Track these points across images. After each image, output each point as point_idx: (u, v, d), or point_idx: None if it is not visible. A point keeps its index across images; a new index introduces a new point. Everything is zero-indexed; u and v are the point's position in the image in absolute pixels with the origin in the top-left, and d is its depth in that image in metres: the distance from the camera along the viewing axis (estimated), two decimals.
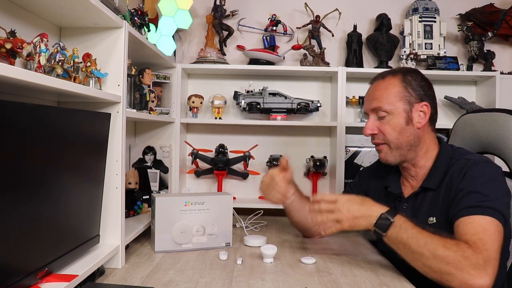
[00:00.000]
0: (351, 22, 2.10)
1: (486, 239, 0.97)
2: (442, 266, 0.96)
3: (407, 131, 1.18)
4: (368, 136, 1.23)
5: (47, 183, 0.86)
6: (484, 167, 1.11)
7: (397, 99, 1.18)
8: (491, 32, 2.01)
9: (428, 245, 0.98)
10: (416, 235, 1.01)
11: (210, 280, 1.08)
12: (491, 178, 1.08)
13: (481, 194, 1.04)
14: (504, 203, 1.04)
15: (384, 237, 1.07)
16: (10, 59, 0.76)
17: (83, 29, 1.17)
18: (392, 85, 1.20)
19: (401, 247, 1.04)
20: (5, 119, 0.70)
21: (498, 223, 1.00)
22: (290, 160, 2.01)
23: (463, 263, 0.94)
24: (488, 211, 1.01)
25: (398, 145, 1.19)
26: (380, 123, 1.20)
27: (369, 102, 1.23)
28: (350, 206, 1.12)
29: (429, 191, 1.18)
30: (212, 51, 2.01)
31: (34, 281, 0.85)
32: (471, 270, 0.93)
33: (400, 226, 1.04)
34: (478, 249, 0.95)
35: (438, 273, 0.97)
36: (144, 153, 1.86)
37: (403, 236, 1.03)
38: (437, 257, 0.96)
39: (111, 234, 1.17)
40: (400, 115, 1.18)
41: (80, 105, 1.14)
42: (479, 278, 0.92)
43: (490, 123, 1.27)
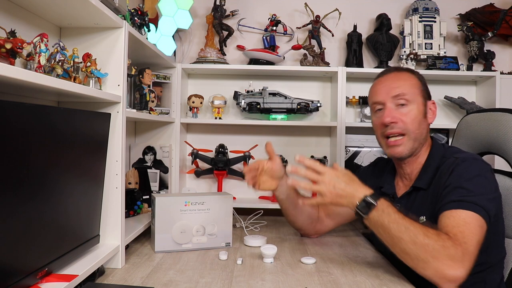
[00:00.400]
0: (351, 22, 2.10)
1: (466, 232, 0.97)
2: (420, 253, 0.97)
3: (423, 124, 1.20)
4: (388, 124, 1.17)
5: (47, 183, 0.86)
6: (471, 164, 1.11)
7: (418, 91, 1.21)
8: (491, 32, 2.01)
9: (409, 231, 0.99)
10: (398, 220, 1.01)
11: (210, 280, 1.08)
12: (476, 174, 1.08)
13: (465, 189, 1.04)
14: (488, 199, 1.04)
15: (365, 220, 1.07)
16: (10, 59, 0.76)
17: (83, 29, 1.17)
18: (412, 78, 1.23)
19: (381, 231, 1.04)
20: (5, 119, 0.70)
21: (480, 218, 1.00)
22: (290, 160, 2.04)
23: (441, 252, 0.95)
24: (470, 206, 1.01)
25: (417, 136, 1.19)
26: (400, 112, 1.18)
27: (388, 90, 1.20)
28: (337, 183, 1.08)
29: (420, 190, 1.19)
30: (212, 51, 2.01)
31: (34, 281, 0.85)
32: (447, 260, 0.94)
33: (382, 210, 1.03)
34: (457, 241, 0.96)
35: (415, 259, 0.98)
36: (144, 153, 1.86)
37: (384, 220, 1.02)
38: (416, 243, 0.97)
39: (111, 234, 1.17)
40: (419, 107, 1.20)
41: (80, 105, 1.14)
42: (454, 269, 0.94)
43: (493, 123, 1.27)
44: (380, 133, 1.23)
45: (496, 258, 1.15)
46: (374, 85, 1.27)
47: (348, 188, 1.08)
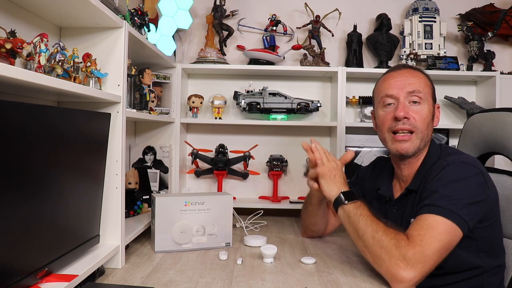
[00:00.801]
0: (351, 22, 2.10)
1: (426, 236, 0.97)
2: (377, 249, 1.01)
3: (430, 125, 1.20)
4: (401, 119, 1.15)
5: (47, 183, 0.86)
6: (456, 168, 1.08)
7: (430, 91, 1.20)
8: (491, 32, 2.01)
9: (372, 227, 1.04)
10: (366, 216, 1.08)
11: (210, 280, 1.08)
12: (457, 178, 1.05)
13: (439, 193, 1.03)
14: (464, 204, 1.01)
15: (341, 207, 1.14)
16: (10, 59, 0.76)
17: (83, 29, 1.17)
18: (424, 78, 1.21)
19: (350, 221, 1.10)
20: (5, 119, 0.70)
21: (450, 223, 0.98)
22: (290, 160, 2.04)
23: (394, 251, 0.97)
24: (440, 211, 1.00)
25: (424, 135, 1.17)
26: (412, 109, 1.16)
27: (403, 85, 1.17)
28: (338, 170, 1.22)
29: (413, 192, 1.18)
30: (212, 51, 2.01)
31: (34, 281, 0.85)
32: (398, 260, 0.96)
33: (359, 205, 1.12)
34: (413, 243, 0.97)
35: (372, 255, 1.03)
36: (144, 153, 1.86)
37: (356, 212, 1.10)
38: (375, 238, 1.02)
39: (111, 234, 1.17)
40: (429, 107, 1.18)
41: (80, 105, 1.14)
42: (403, 270, 0.95)
43: (498, 123, 1.25)
44: (387, 127, 1.19)
45: (494, 261, 1.12)
46: (386, 79, 1.23)
47: (340, 180, 1.21)
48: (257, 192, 2.11)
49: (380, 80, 1.26)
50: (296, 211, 1.93)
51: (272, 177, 2.04)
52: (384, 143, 1.23)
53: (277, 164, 2.00)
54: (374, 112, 1.28)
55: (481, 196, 1.05)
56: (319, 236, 1.53)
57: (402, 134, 1.16)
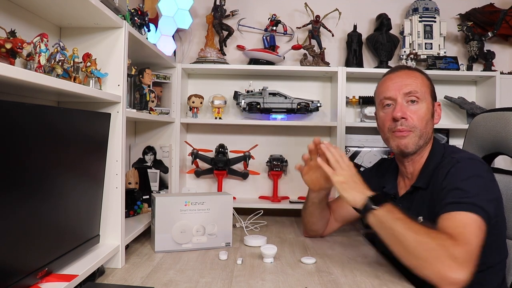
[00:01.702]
0: (351, 22, 2.10)
1: (466, 234, 0.96)
2: (422, 252, 0.95)
3: (430, 123, 1.21)
4: (398, 119, 1.18)
5: (47, 183, 0.86)
6: (467, 164, 1.10)
7: (428, 90, 1.22)
8: (491, 32, 2.01)
9: (412, 229, 0.99)
10: (402, 219, 1.02)
11: (210, 280, 1.08)
12: (472, 174, 1.07)
13: (461, 190, 1.03)
14: (485, 199, 1.02)
15: (371, 214, 1.07)
16: (10, 59, 0.76)
17: (83, 29, 1.17)
18: (422, 77, 1.24)
19: (385, 226, 1.04)
20: (5, 119, 0.70)
21: (479, 219, 0.99)
22: (290, 160, 2.04)
23: (442, 252, 0.92)
24: (468, 207, 1.00)
25: (423, 133, 1.19)
26: (410, 109, 1.19)
27: (400, 86, 1.20)
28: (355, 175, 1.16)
29: (420, 190, 1.19)
30: (212, 51, 2.01)
31: (34, 281, 0.85)
32: (449, 260, 0.91)
33: (390, 208, 1.06)
34: (458, 241, 0.94)
35: (417, 258, 0.96)
36: (144, 153, 1.86)
37: (389, 216, 1.04)
38: (418, 241, 0.96)
39: (111, 234, 1.17)
40: (428, 106, 1.21)
41: (80, 105, 1.14)
42: (456, 271, 0.90)
43: (503, 123, 1.24)
44: (387, 128, 1.22)
45: (496, 259, 1.13)
46: (384, 81, 1.27)
47: (361, 185, 1.14)
48: (257, 192, 2.11)
49: (379, 83, 1.30)
50: (296, 211, 1.93)
51: (272, 177, 2.04)
52: (387, 143, 1.26)
53: (277, 164, 2.00)
54: (376, 114, 1.32)
55: (495, 193, 1.08)
56: (319, 236, 1.53)
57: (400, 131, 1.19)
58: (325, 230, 1.51)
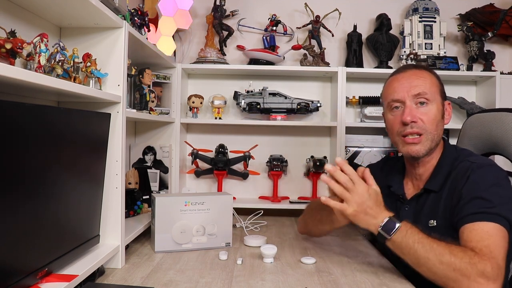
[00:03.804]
0: (351, 22, 2.10)
1: (492, 246, 0.94)
2: (449, 273, 0.93)
3: (440, 124, 1.18)
4: (408, 123, 1.13)
5: (47, 183, 0.86)
6: (487, 171, 1.08)
7: (437, 90, 1.18)
8: (491, 32, 2.01)
9: (435, 250, 0.96)
10: (422, 240, 0.98)
11: (210, 280, 1.08)
12: (494, 183, 1.05)
13: (485, 200, 1.01)
14: (508, 208, 1.00)
15: (389, 242, 1.03)
16: (10, 59, 0.76)
17: (83, 29, 1.17)
18: (431, 77, 1.19)
19: (405, 252, 1.01)
20: (5, 119, 0.70)
21: (503, 229, 0.98)
22: (290, 160, 2.04)
23: (470, 270, 0.91)
24: (492, 217, 0.98)
25: (434, 136, 1.15)
26: (420, 112, 1.14)
27: (408, 88, 1.15)
28: (367, 199, 1.04)
29: (431, 193, 1.16)
30: (212, 51, 2.01)
31: (34, 281, 0.85)
32: (478, 277, 0.90)
33: (406, 231, 1.01)
34: (485, 256, 0.93)
35: (445, 279, 0.95)
36: (144, 153, 1.86)
37: (409, 240, 1.00)
38: (443, 263, 0.94)
39: (111, 234, 1.17)
40: (438, 107, 1.16)
41: (80, 105, 1.14)
42: (486, 286, 0.90)
43: (497, 123, 1.25)
44: (396, 131, 1.18)
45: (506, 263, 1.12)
46: (391, 82, 1.21)
47: (375, 208, 1.05)
48: (257, 192, 2.11)
49: (386, 84, 1.25)
50: (296, 211, 1.93)
51: (272, 177, 2.04)
52: (396, 146, 1.22)
53: (277, 164, 2.00)
54: (384, 115, 1.27)
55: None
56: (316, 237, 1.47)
57: (412, 137, 1.15)
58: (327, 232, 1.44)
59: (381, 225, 1.03)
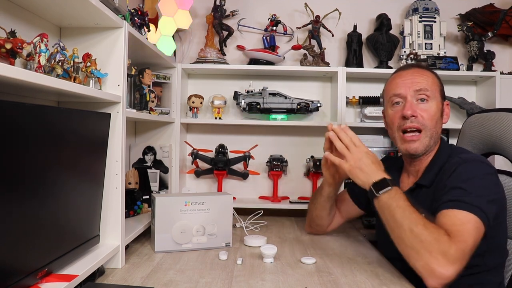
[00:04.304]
0: (351, 22, 2.10)
1: (463, 232, 0.96)
2: (415, 243, 0.97)
3: (439, 122, 1.21)
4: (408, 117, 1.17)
5: (47, 183, 0.86)
6: (473, 165, 1.10)
7: (438, 89, 1.22)
8: (491, 32, 2.01)
9: (411, 219, 1.00)
10: (404, 207, 1.03)
11: (210, 280, 1.08)
12: (476, 175, 1.07)
13: (463, 190, 1.04)
14: (486, 200, 1.02)
15: (376, 199, 1.08)
16: (10, 59, 0.76)
17: (83, 29, 1.17)
18: (432, 76, 1.23)
19: (386, 213, 1.06)
20: (5, 119, 0.70)
21: (477, 219, 0.99)
22: (290, 160, 2.04)
23: (434, 245, 0.94)
24: (467, 207, 1.00)
25: (433, 133, 1.19)
26: (420, 107, 1.18)
27: (410, 84, 1.19)
28: (365, 157, 1.15)
29: (423, 187, 1.19)
30: (212, 51, 2.01)
31: (34, 281, 0.85)
32: (439, 255, 0.93)
33: (395, 194, 1.06)
34: (454, 238, 0.95)
35: (409, 248, 0.98)
36: (144, 153, 1.86)
37: (392, 203, 1.04)
38: (413, 232, 0.98)
39: (111, 234, 1.17)
40: (438, 105, 1.20)
41: (80, 105, 1.14)
42: (443, 266, 0.92)
43: (497, 123, 1.25)
44: (396, 126, 1.21)
45: (495, 261, 1.13)
46: (394, 79, 1.26)
47: (372, 166, 1.13)
48: (257, 192, 2.11)
49: (389, 80, 1.29)
50: (296, 211, 1.94)
51: (272, 177, 2.04)
52: (394, 142, 1.26)
53: (277, 164, 2.00)
54: (384, 112, 1.31)
55: (497, 195, 1.08)
56: (323, 231, 1.53)
57: (411, 134, 1.18)
58: (330, 224, 1.51)
59: (374, 182, 1.09)
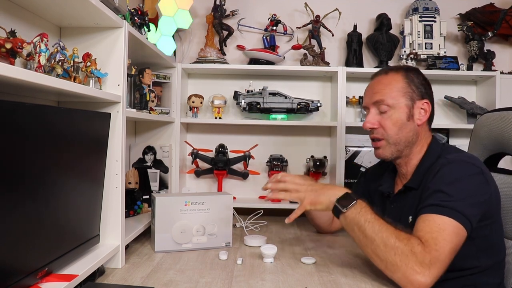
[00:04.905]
0: (351, 22, 2.10)
1: (439, 239, 0.96)
2: (390, 256, 0.97)
3: (407, 127, 1.19)
4: (368, 129, 1.22)
5: (47, 183, 0.86)
6: (457, 166, 1.08)
7: (400, 94, 1.19)
8: (491, 32, 2.01)
9: (382, 233, 0.99)
10: (372, 221, 1.02)
11: (210, 280, 1.08)
12: (459, 177, 1.05)
13: (444, 193, 1.02)
14: (468, 204, 1.01)
15: (342, 216, 1.08)
16: (10, 59, 0.76)
17: (83, 29, 1.17)
18: (396, 81, 1.20)
19: (355, 229, 1.05)
20: (5, 119, 0.70)
21: (457, 224, 0.98)
22: (290, 160, 2.04)
23: (410, 257, 0.94)
24: (447, 211, 0.99)
25: (397, 140, 1.19)
26: (381, 118, 1.20)
27: (371, 95, 1.22)
28: (314, 185, 1.17)
29: (412, 190, 1.18)
30: (212, 51, 2.01)
31: (34, 281, 0.85)
32: (415, 265, 0.93)
33: (360, 208, 1.06)
34: (428, 247, 0.95)
35: (385, 262, 0.98)
36: (144, 153, 1.86)
37: (360, 218, 1.04)
38: (387, 246, 0.97)
39: (111, 234, 1.17)
40: (402, 110, 1.18)
41: (80, 105, 1.14)
42: (420, 276, 0.92)
43: (506, 123, 1.21)
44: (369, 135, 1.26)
45: (491, 261, 1.10)
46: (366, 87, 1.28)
47: (327, 187, 1.15)
48: (257, 192, 2.11)
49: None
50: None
51: None
52: None
53: (277, 164, 2.00)
54: None
55: (483, 196, 1.05)
56: (327, 232, 1.59)
57: (374, 142, 1.23)
58: (332, 227, 1.56)
59: (338, 198, 1.09)
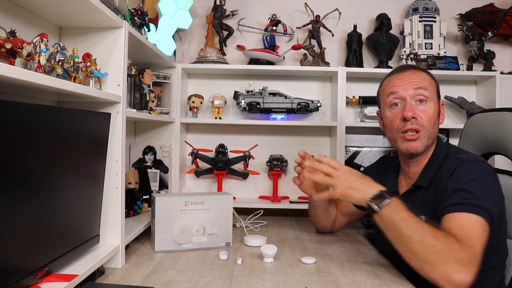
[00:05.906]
0: (351, 22, 2.10)
1: (472, 236, 0.96)
2: (427, 254, 0.95)
3: (436, 123, 1.21)
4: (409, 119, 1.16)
5: (47, 183, 0.86)
6: (472, 165, 1.10)
7: (434, 89, 1.22)
8: (491, 32, 2.01)
9: (418, 231, 0.98)
10: (407, 219, 1.01)
11: (210, 280, 1.08)
12: (478, 176, 1.07)
13: (467, 192, 1.03)
14: (490, 201, 1.02)
15: (376, 215, 1.06)
16: (10, 59, 0.76)
17: (83, 29, 1.17)
18: (428, 77, 1.23)
19: (390, 228, 1.03)
20: (5, 119, 0.70)
21: (483, 221, 0.99)
22: (290, 160, 2.04)
23: (449, 255, 0.93)
24: (473, 209, 1.00)
25: (431, 134, 1.19)
26: (419, 109, 1.18)
27: (409, 85, 1.19)
28: (350, 176, 1.12)
29: (421, 189, 1.19)
30: (212, 51, 2.01)
31: (34, 281, 0.85)
32: (454, 263, 0.92)
33: (395, 206, 1.04)
34: (464, 244, 0.94)
35: (422, 260, 0.96)
36: (144, 153, 1.86)
37: (394, 216, 1.02)
38: (424, 244, 0.96)
39: (111, 234, 1.17)
40: (435, 105, 1.20)
41: (80, 105, 1.14)
42: (460, 274, 0.91)
43: (498, 123, 1.25)
44: (396, 128, 1.20)
45: (497, 259, 1.14)
46: (391, 79, 1.24)
47: (361, 181, 1.11)
48: (257, 192, 2.11)
49: (385, 81, 1.27)
50: (296, 211, 1.94)
51: (272, 177, 2.04)
52: (394, 143, 1.25)
53: (277, 164, 2.00)
54: (381, 113, 1.30)
55: (499, 194, 1.08)
56: (328, 232, 1.58)
57: (411, 133, 1.18)
58: (333, 226, 1.55)
59: (371, 197, 1.06)
